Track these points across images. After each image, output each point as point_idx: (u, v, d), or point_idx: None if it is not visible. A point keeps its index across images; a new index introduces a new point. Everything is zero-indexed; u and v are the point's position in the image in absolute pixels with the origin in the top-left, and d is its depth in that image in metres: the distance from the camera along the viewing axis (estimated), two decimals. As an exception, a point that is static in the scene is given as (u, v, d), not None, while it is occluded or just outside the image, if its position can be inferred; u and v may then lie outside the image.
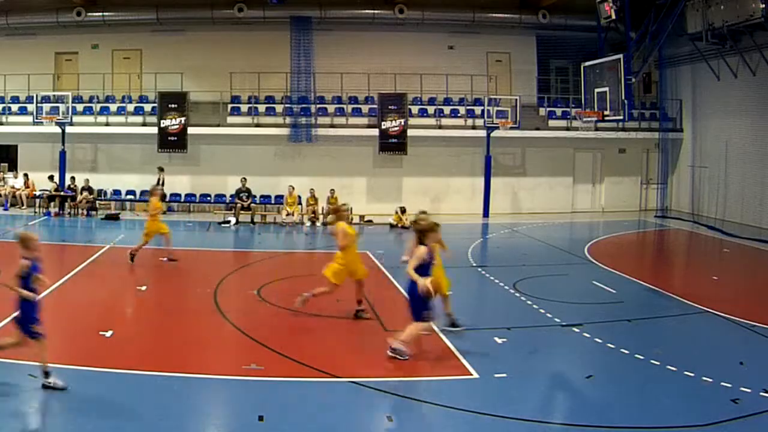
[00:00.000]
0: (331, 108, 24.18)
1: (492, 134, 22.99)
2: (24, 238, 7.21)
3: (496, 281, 13.14)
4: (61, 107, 21.84)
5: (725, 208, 22.16)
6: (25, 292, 6.96)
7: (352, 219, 20.44)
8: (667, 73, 24.80)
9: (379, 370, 8.22)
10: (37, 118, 21.88)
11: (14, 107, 23.52)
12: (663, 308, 11.43)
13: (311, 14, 23.77)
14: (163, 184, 22.58)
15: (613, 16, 20.23)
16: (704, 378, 7.82)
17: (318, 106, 23.69)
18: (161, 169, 22.48)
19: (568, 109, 24.76)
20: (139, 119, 23.44)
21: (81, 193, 21.82)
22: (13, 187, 22.62)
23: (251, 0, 23.26)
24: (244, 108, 23.82)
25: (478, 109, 24.02)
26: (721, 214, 22.12)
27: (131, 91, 24.14)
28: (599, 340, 9.28)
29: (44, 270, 7.26)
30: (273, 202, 23.10)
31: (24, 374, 7.36)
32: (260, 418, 6.59)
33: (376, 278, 13.52)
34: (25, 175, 22.88)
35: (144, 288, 11.94)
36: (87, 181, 22.14)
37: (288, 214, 21.17)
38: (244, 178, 21.84)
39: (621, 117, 20.99)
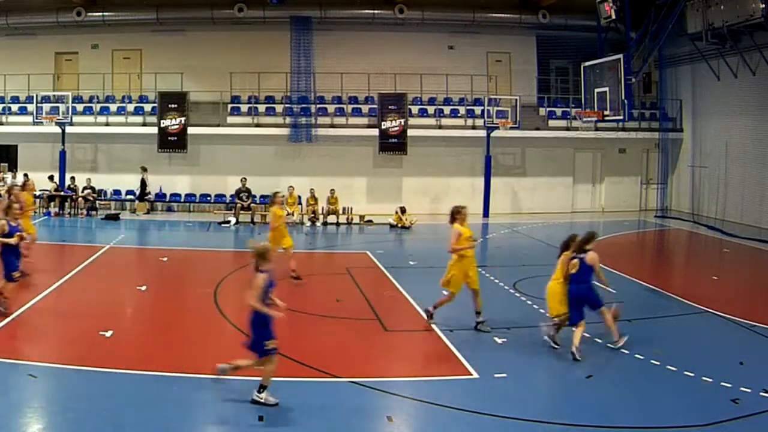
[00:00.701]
0: (331, 108, 24.15)
1: (492, 134, 22.98)
2: (263, 250, 6.93)
3: (496, 281, 13.14)
4: (61, 107, 21.80)
5: (725, 208, 22.14)
6: (266, 308, 6.77)
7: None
8: (667, 73, 24.78)
9: (379, 370, 8.23)
10: (37, 118, 21.85)
11: (14, 107, 23.49)
12: (663, 308, 11.43)
13: (311, 14, 23.73)
14: (146, 185, 22.59)
15: (613, 16, 20.24)
16: (704, 378, 7.82)
17: (318, 106, 23.65)
18: (144, 169, 22.48)
19: (568, 109, 24.74)
20: (139, 119, 23.43)
21: (83, 192, 21.81)
22: (13, 185, 22.59)
23: (251, 0, 23.26)
24: (244, 108, 23.79)
25: (478, 109, 23.98)
26: (721, 214, 22.10)
27: (131, 91, 24.09)
28: (599, 340, 9.27)
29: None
30: (273, 202, 23.07)
31: (24, 374, 7.37)
32: (260, 418, 6.61)
33: (376, 278, 13.54)
34: (25, 175, 22.84)
35: (144, 288, 11.94)
36: (89, 180, 22.13)
37: (288, 214, 21.14)
38: (244, 178, 21.84)
39: (621, 117, 20.97)
